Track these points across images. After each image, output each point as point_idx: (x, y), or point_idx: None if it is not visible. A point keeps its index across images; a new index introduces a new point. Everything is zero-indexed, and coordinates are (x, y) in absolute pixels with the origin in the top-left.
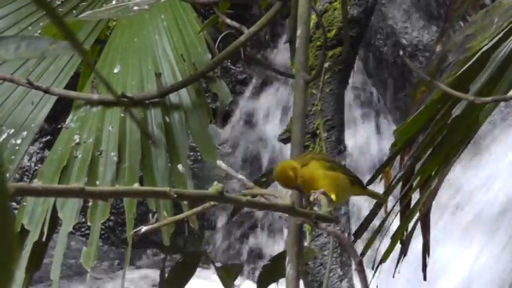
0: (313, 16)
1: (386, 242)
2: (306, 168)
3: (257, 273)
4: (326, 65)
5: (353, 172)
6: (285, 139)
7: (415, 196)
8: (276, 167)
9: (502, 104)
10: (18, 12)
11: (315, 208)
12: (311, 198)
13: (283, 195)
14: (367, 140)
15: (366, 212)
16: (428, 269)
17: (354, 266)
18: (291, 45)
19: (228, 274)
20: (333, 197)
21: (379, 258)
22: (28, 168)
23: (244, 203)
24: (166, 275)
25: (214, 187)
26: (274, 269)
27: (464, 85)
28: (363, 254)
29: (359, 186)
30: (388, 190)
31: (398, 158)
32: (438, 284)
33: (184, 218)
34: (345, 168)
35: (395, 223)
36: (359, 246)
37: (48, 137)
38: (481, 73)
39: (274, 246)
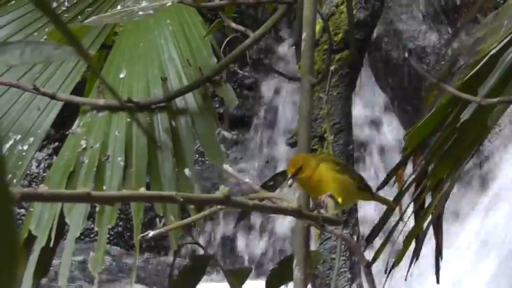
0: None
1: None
2: (316, 170)
3: None
4: (332, 68)
5: (362, 176)
6: (293, 143)
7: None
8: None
9: None
10: (24, 18)
11: (322, 211)
12: (318, 202)
13: (290, 198)
14: None
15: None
16: None
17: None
18: (297, 49)
19: (236, 278)
20: (340, 200)
21: (391, 261)
22: (37, 175)
23: (251, 207)
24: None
25: (221, 191)
26: (282, 272)
27: (474, 88)
28: (375, 258)
29: (367, 192)
30: (401, 193)
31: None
32: None
33: (191, 222)
34: (354, 172)
35: (407, 227)
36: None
37: (57, 144)
38: (490, 76)
39: None
